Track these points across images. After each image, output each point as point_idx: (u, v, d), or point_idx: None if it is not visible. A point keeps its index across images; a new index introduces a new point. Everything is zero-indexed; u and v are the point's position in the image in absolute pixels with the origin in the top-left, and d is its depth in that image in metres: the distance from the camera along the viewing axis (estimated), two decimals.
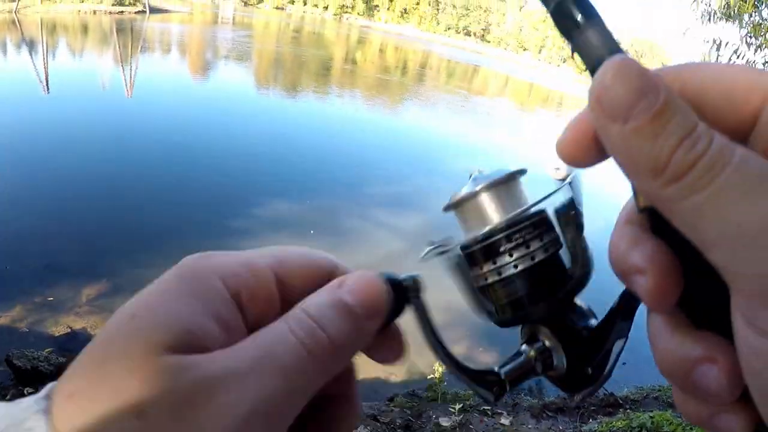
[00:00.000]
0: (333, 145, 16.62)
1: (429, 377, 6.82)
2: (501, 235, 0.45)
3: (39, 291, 6.83)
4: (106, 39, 28.42)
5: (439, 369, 6.76)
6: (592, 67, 0.33)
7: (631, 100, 0.29)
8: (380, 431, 5.19)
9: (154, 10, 39.91)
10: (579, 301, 0.48)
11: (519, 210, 0.45)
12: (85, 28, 29.68)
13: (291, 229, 10.25)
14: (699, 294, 0.34)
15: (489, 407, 5.79)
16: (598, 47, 0.33)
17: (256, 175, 12.55)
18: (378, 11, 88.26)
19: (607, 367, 0.46)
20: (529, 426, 5.76)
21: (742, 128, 0.32)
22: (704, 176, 0.27)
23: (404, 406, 6.02)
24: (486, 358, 7.55)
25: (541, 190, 0.46)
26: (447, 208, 0.51)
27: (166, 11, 43.81)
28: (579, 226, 0.44)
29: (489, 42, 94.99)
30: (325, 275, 0.41)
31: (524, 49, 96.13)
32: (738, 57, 7.62)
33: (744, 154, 0.28)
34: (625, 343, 0.46)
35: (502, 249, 0.45)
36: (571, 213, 0.45)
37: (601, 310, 0.45)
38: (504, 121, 31.14)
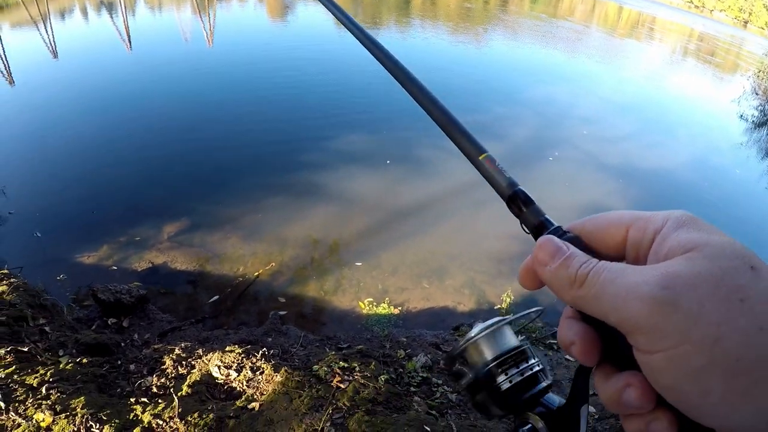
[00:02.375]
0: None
1: (497, 307, 6.79)
2: (493, 364, 0.71)
3: (123, 231, 7.22)
4: None
5: (506, 300, 6.72)
6: (532, 231, 0.65)
7: (552, 254, 0.56)
8: (440, 359, 5.23)
9: None
10: (551, 393, 0.74)
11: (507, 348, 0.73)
12: None
13: (367, 161, 10.31)
14: (613, 349, 0.54)
15: (555, 341, 5.73)
16: (534, 221, 0.65)
17: (330, 109, 12.60)
18: None
19: (581, 429, 0.69)
20: None
21: (620, 248, 0.57)
22: (594, 278, 0.51)
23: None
24: None
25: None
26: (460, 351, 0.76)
27: None
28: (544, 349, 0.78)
29: None
30: None
31: None
32: None
33: (611, 265, 0.51)
34: (587, 405, 0.68)
35: (499, 370, 0.71)
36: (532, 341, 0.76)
37: None
38: (590, 47, 29.86)
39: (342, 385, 4.14)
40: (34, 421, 3.29)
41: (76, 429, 3.30)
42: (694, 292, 0.45)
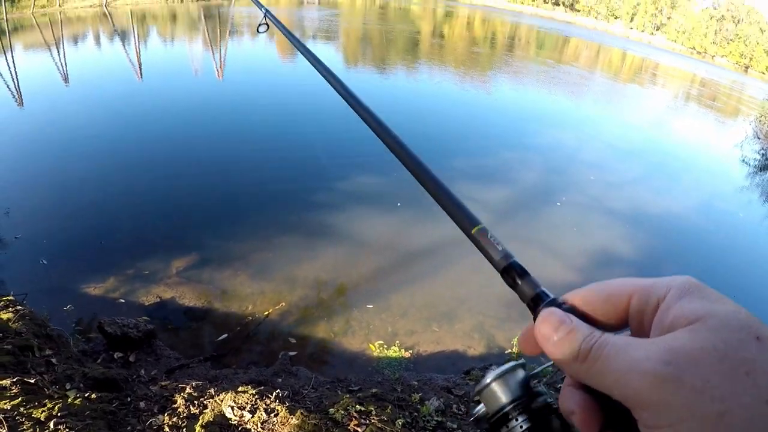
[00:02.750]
0: (418, 119, 16.49)
1: (507, 351, 6.71)
2: (508, 408, 0.67)
3: (131, 264, 7.15)
4: (195, 25, 29.18)
5: (516, 344, 6.62)
6: (527, 302, 0.63)
7: (555, 327, 0.55)
8: (453, 403, 5.15)
9: None
10: None
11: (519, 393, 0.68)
12: (173, 17, 30.59)
13: (378, 202, 10.28)
14: (615, 420, 0.53)
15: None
16: (529, 293, 0.63)
17: (343, 149, 12.63)
18: None
19: None
20: None
21: (622, 317, 0.56)
22: (597, 353, 0.50)
23: (479, 380, 5.94)
24: None
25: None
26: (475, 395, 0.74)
27: None
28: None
29: (578, 11, 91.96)
30: None
31: (615, 17, 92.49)
32: None
33: (615, 339, 0.50)
34: None
35: (510, 416, 0.67)
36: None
37: None
38: (595, 92, 30.13)
39: (359, 429, 4.05)
40: None
41: None
42: (698, 367, 0.44)
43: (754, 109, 33.91)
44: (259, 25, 2.33)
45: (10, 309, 5.11)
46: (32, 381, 3.97)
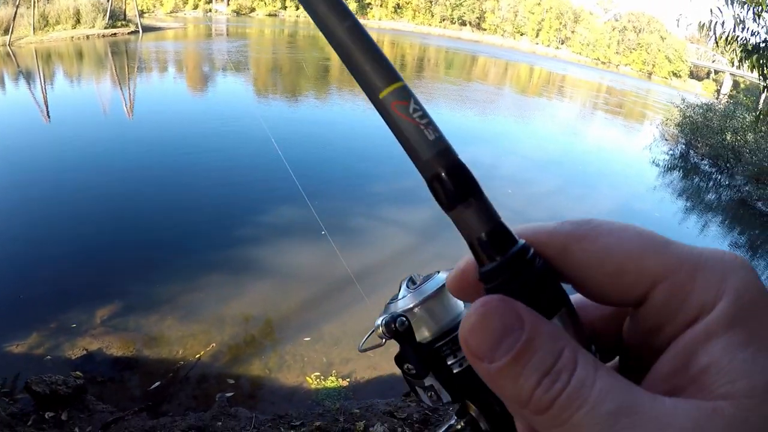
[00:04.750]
0: (334, 146, 16.64)
1: None
2: (441, 343, 0.55)
3: (54, 316, 6.90)
4: (102, 62, 28.53)
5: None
6: (471, 244, 0.36)
7: (492, 343, 0.32)
8: (397, 427, 5.20)
9: (147, 29, 39.80)
10: None
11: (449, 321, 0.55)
12: (80, 54, 29.79)
13: (301, 232, 10.27)
14: None
15: None
16: (476, 229, 0.35)
17: (260, 183, 12.55)
18: (371, 9, 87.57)
19: None
20: None
21: (629, 302, 0.35)
22: (563, 414, 0.30)
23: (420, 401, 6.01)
24: None
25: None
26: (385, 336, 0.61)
27: (159, 29, 43.69)
28: None
29: (485, 30, 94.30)
30: None
31: (521, 34, 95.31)
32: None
33: (602, 388, 0.30)
34: None
35: (444, 352, 0.55)
36: None
37: None
38: (506, 107, 30.99)
39: None
40: None
41: None
42: None
43: (659, 112, 35.56)
44: None
45: None
46: None
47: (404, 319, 0.58)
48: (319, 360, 6.81)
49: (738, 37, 7.41)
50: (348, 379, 6.46)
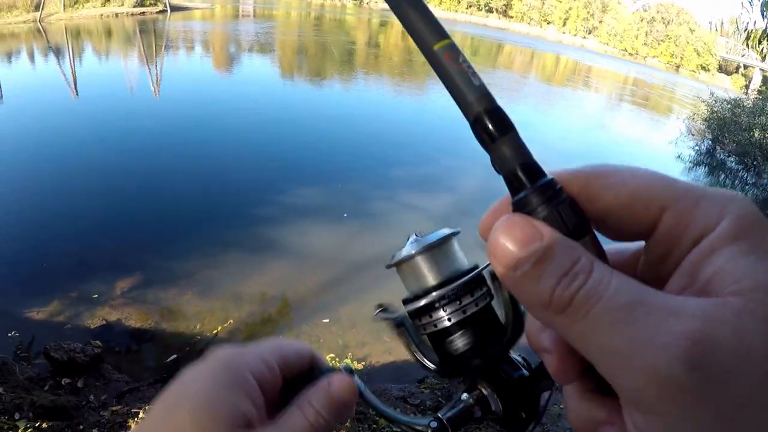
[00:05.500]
0: (360, 130, 16.61)
1: None
2: (435, 294, 0.53)
3: (74, 286, 6.99)
4: (130, 40, 28.67)
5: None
6: (506, 178, 0.42)
7: (516, 252, 0.36)
8: (410, 413, 5.20)
9: (175, 9, 39.90)
10: (513, 354, 0.58)
11: (450, 272, 0.54)
12: (108, 32, 29.96)
13: (323, 214, 10.33)
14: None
15: None
16: (511, 162, 0.41)
17: (284, 162, 12.58)
18: None
19: (538, 413, 0.56)
20: None
21: (641, 231, 0.40)
22: (581, 309, 0.34)
23: (435, 388, 6.04)
24: None
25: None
26: (389, 266, 0.61)
27: (187, 8, 43.75)
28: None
29: (512, 17, 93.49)
30: (307, 362, 0.61)
31: (548, 23, 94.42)
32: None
33: (617, 285, 0.34)
34: (551, 393, 0.56)
35: (436, 305, 0.54)
36: None
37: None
38: (531, 96, 30.75)
39: None
40: None
41: None
42: (736, 385, 0.31)
43: (687, 106, 35.05)
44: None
45: None
46: None
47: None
48: (335, 342, 6.84)
49: (766, 29, 7.31)
50: (363, 363, 6.47)
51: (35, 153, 11.21)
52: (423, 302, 0.55)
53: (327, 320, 7.23)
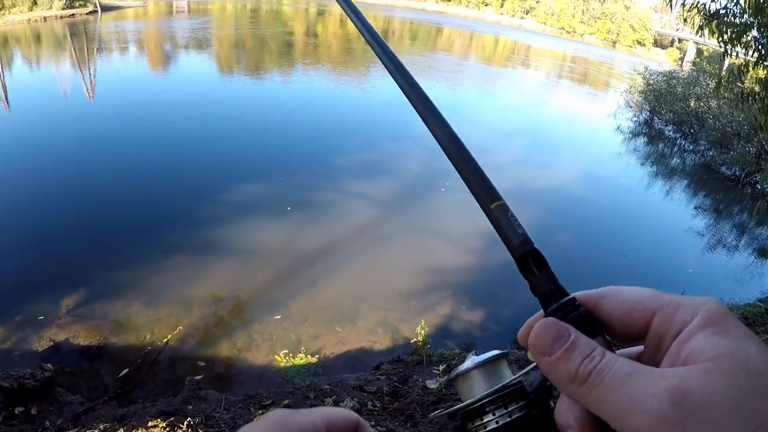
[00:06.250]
0: (301, 122, 16.51)
1: (413, 341, 6.92)
2: (486, 401, 0.62)
3: (18, 309, 6.86)
4: (61, 45, 27.89)
5: (421, 332, 6.83)
6: (540, 297, 0.56)
7: (551, 343, 0.50)
8: (367, 401, 5.27)
9: (106, 8, 38.91)
10: None
11: (500, 385, 0.63)
12: (38, 37, 29.09)
13: (267, 210, 10.33)
14: None
15: None
16: (544, 287, 0.55)
17: (226, 161, 12.48)
18: None
19: None
20: None
21: (639, 331, 0.52)
22: (597, 378, 0.47)
23: (390, 373, 6.12)
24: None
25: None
26: (449, 381, 0.69)
27: (118, 8, 42.65)
28: (546, 394, 0.61)
29: (450, 1, 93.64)
30: (354, 426, 0.61)
31: (486, 5, 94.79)
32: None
33: (621, 363, 0.47)
34: None
35: (487, 409, 0.62)
36: (545, 386, 0.61)
37: None
38: (471, 77, 31.00)
39: None
40: None
41: None
42: (706, 415, 0.41)
43: (624, 81, 35.76)
44: None
45: None
46: None
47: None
48: (287, 337, 6.88)
49: (698, 3, 7.54)
50: (317, 356, 6.53)
51: None
52: (475, 406, 0.64)
53: (279, 316, 7.27)
